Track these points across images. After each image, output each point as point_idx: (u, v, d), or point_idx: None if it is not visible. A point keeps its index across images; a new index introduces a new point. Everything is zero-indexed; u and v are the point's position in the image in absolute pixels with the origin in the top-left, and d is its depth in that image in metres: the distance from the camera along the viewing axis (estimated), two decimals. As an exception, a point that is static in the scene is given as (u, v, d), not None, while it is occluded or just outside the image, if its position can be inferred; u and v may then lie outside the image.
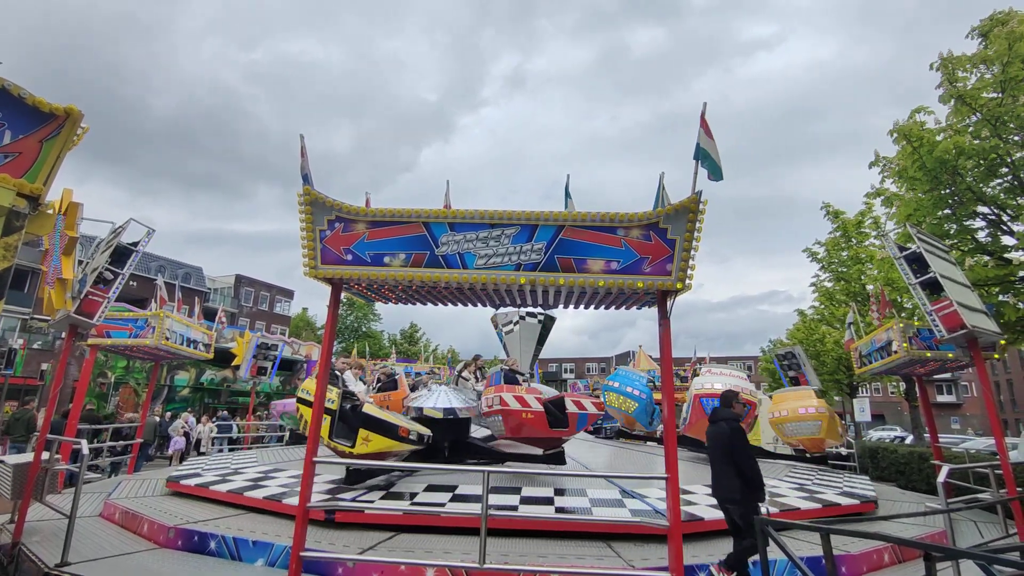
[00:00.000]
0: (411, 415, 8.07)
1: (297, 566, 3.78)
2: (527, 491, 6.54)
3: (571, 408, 7.42)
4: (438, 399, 8.21)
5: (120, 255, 6.57)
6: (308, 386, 7.85)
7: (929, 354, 8.03)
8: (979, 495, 7.39)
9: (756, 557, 3.92)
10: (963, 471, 7.69)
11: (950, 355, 7.99)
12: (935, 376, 11.99)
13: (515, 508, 5.82)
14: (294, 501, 4.97)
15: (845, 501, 6.74)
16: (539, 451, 7.85)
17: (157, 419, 14.91)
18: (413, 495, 6.24)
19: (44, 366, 26.43)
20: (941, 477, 5.36)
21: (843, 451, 13.01)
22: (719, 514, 5.21)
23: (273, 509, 6.03)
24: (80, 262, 6.70)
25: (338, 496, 6.24)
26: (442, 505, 5.86)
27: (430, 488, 6.56)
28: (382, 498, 6.12)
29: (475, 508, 4.91)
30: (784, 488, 7.53)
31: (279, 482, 7.12)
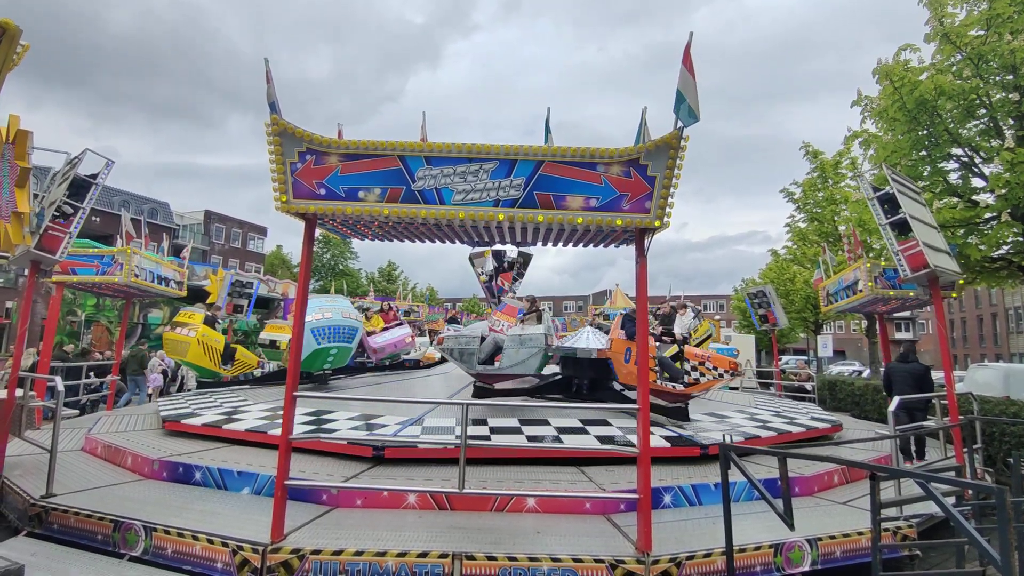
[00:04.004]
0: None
1: (282, 493, 3.91)
2: (502, 422, 6.80)
3: None
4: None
5: (79, 188, 6.24)
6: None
7: (892, 292, 8.34)
8: (924, 423, 7.94)
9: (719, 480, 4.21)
10: (913, 401, 8.22)
11: (911, 293, 8.31)
12: (895, 314, 12.53)
13: (489, 438, 6.05)
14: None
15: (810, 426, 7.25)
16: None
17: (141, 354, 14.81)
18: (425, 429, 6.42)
19: (9, 304, 25.69)
20: (892, 406, 5.71)
21: (807, 385, 13.77)
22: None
23: (256, 440, 6.16)
24: (36, 195, 6.35)
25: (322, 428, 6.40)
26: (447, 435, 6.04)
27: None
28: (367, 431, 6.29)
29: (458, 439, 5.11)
30: (739, 419, 7.98)
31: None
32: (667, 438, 6.13)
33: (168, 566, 3.98)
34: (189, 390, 13.20)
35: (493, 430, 6.28)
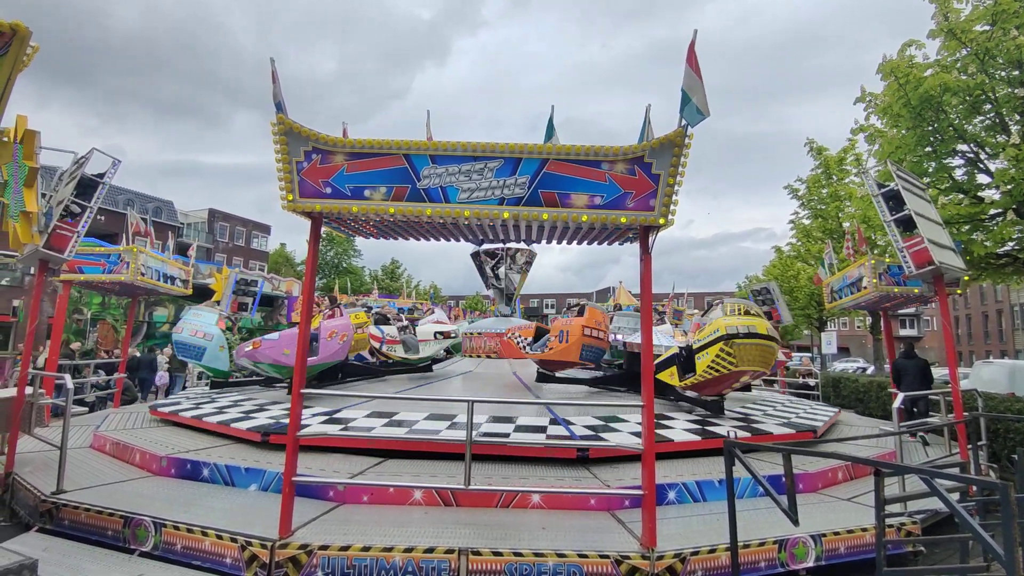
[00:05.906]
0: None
1: (290, 490, 3.95)
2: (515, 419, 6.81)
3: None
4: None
5: (86, 187, 6.29)
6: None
7: (897, 289, 8.32)
8: (929, 419, 7.95)
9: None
10: (916, 398, 8.23)
11: (916, 290, 8.30)
12: (899, 311, 12.50)
13: (506, 436, 6.07)
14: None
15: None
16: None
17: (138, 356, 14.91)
18: (413, 423, 6.45)
19: (15, 303, 25.83)
20: (896, 403, 5.71)
21: (810, 381, 13.76)
22: (688, 437, 5.75)
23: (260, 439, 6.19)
24: (44, 195, 6.41)
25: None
26: (437, 432, 6.00)
27: (431, 417, 6.66)
28: (383, 425, 6.32)
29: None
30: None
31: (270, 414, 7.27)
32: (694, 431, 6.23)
33: (178, 561, 4.03)
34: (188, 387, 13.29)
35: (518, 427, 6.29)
